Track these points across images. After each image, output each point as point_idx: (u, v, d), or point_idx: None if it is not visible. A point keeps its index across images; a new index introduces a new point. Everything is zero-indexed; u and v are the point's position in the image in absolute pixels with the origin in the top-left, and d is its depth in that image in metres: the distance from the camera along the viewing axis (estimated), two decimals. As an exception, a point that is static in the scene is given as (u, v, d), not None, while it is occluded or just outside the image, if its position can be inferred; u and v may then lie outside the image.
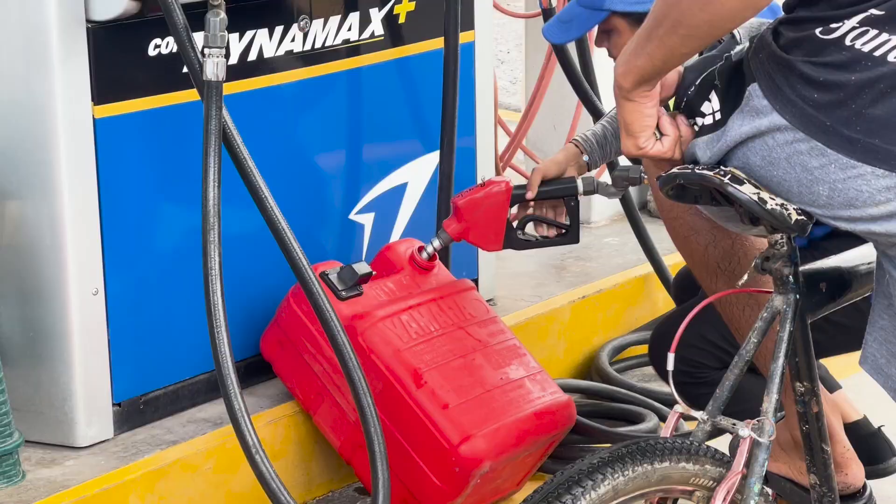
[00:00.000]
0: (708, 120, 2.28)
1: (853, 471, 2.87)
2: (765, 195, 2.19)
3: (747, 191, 2.19)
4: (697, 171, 2.21)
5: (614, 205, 4.88)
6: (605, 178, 3.69)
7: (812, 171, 2.17)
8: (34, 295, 3.30)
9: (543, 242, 3.63)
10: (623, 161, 3.99)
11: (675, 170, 2.25)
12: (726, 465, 2.22)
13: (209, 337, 2.94)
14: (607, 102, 4.51)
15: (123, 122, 3.32)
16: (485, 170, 4.20)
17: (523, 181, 3.63)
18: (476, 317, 3.63)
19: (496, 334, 3.61)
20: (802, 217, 2.20)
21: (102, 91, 3.27)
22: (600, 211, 5.03)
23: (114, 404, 3.40)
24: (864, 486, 3.15)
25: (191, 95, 3.35)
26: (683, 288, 3.67)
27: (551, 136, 5.13)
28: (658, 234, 4.30)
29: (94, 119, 3.26)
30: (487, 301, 4.21)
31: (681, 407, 2.25)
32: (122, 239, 3.36)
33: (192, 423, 3.49)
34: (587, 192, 3.57)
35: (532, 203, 3.56)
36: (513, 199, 3.54)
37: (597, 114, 4.35)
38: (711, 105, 2.28)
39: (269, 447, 3.34)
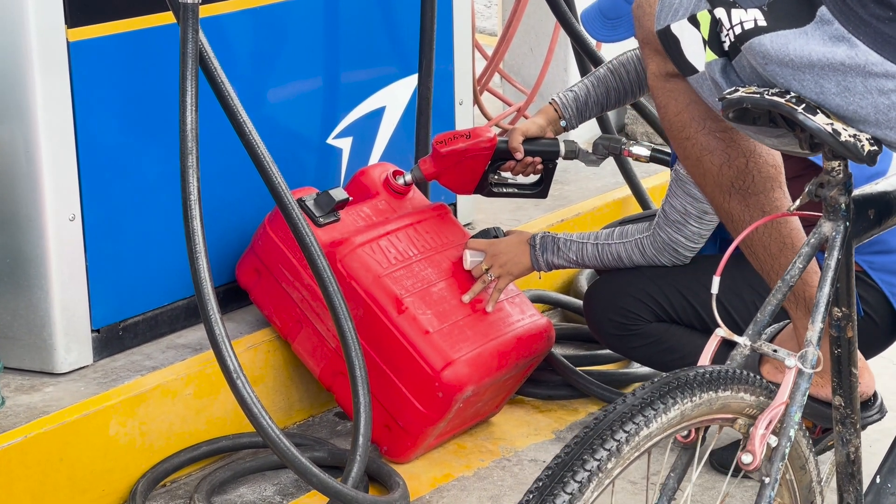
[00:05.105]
0: (749, 24, 2.23)
1: (865, 379, 2.89)
2: (838, 126, 2.16)
3: (821, 121, 2.15)
4: (767, 97, 2.18)
5: (591, 128, 4.86)
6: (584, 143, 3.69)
7: (889, 95, 2.13)
8: (10, 221, 3.27)
9: (513, 194, 3.64)
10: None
11: (741, 92, 2.21)
12: (773, 395, 2.21)
13: (188, 262, 2.92)
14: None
15: (98, 46, 3.28)
16: (463, 93, 4.17)
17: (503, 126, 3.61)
18: (454, 241, 3.62)
19: (475, 258, 3.60)
20: (874, 148, 2.17)
21: (76, 14, 3.22)
22: (577, 135, 5.01)
23: (93, 330, 3.38)
24: (875, 395, 3.17)
25: (167, 18, 3.31)
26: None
27: (528, 59, 5.10)
28: (636, 157, 4.29)
29: (68, 42, 3.22)
30: (465, 225, 4.19)
31: (722, 331, 2.23)
32: (99, 164, 3.33)
33: (172, 349, 3.48)
34: (568, 157, 3.59)
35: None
36: (495, 154, 3.53)
37: (575, 36, 4.30)
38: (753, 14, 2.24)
39: (248, 372, 3.34)
